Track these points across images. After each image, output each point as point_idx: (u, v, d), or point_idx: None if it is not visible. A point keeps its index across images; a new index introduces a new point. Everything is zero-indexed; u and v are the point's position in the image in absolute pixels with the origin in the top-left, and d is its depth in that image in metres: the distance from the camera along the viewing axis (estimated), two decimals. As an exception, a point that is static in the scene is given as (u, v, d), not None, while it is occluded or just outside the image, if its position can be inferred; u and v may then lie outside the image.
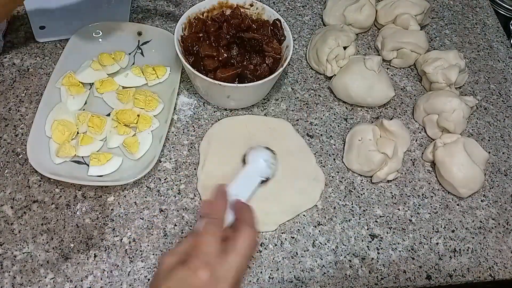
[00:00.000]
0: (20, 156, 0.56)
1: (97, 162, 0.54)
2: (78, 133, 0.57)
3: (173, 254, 0.41)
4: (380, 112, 0.67)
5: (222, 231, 0.42)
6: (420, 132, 0.66)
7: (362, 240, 0.55)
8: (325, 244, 0.54)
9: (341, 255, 0.54)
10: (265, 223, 0.53)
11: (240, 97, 0.61)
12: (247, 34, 0.60)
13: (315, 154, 0.61)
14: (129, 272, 0.50)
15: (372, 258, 0.54)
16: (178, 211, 0.55)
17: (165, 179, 0.57)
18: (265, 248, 0.53)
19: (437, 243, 0.56)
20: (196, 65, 0.58)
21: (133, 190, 0.55)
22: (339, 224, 0.56)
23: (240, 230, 0.41)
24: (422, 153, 0.63)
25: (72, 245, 0.51)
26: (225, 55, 0.58)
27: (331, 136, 0.63)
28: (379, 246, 0.55)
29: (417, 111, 0.66)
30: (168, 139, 0.60)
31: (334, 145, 0.63)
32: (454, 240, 0.57)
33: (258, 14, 0.64)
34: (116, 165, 0.55)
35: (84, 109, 0.60)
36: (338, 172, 0.60)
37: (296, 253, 0.53)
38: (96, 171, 0.54)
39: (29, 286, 0.48)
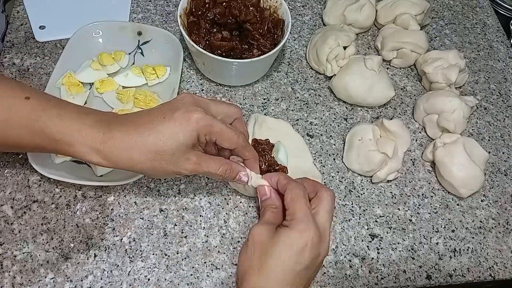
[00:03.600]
0: (20, 156, 0.56)
1: None
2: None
3: (261, 224, 0.45)
4: (380, 112, 0.67)
5: (307, 192, 0.46)
6: (420, 132, 0.66)
7: (362, 240, 0.55)
8: (325, 244, 0.54)
9: (341, 255, 0.54)
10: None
11: (241, 73, 0.63)
12: (245, 25, 0.61)
13: (315, 154, 0.61)
14: (129, 271, 0.50)
15: (372, 258, 0.54)
16: (178, 211, 0.55)
17: (165, 179, 0.57)
18: (265, 248, 0.53)
19: (437, 243, 0.56)
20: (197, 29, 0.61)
21: (133, 190, 0.55)
22: (339, 224, 0.56)
23: (321, 191, 0.47)
24: (422, 153, 0.63)
25: (72, 245, 0.51)
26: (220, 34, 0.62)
27: (331, 136, 0.63)
28: (379, 246, 0.55)
29: (417, 111, 0.66)
30: (168, 139, 0.60)
31: (334, 145, 0.63)
32: (454, 240, 0.57)
33: (275, 7, 0.64)
34: None
35: (84, 109, 0.60)
36: (338, 172, 0.60)
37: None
38: (103, 169, 0.54)
39: (29, 286, 0.48)
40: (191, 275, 0.51)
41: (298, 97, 0.67)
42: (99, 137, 0.42)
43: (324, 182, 0.59)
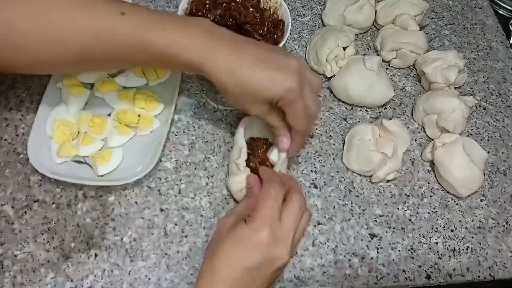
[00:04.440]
0: (21, 156, 0.56)
1: (102, 160, 0.54)
2: (79, 133, 0.57)
3: (230, 215, 0.45)
4: (380, 112, 0.67)
5: (282, 195, 0.45)
6: (419, 132, 0.66)
7: (362, 240, 0.55)
8: (325, 243, 0.55)
9: (341, 254, 0.54)
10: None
11: None
12: (245, 26, 0.61)
13: (314, 153, 0.62)
14: (130, 271, 0.50)
15: (372, 258, 0.54)
16: (178, 210, 0.55)
17: (165, 179, 0.57)
18: (265, 247, 0.53)
19: (437, 243, 0.56)
20: None
21: (133, 190, 0.56)
22: (339, 223, 0.56)
23: (292, 197, 0.45)
24: (421, 153, 0.64)
25: (72, 244, 0.51)
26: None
27: (330, 136, 0.64)
28: (379, 245, 0.55)
29: (416, 111, 0.66)
30: (169, 139, 0.60)
31: (334, 145, 0.63)
32: (454, 239, 0.57)
33: (275, 8, 0.64)
34: (119, 158, 0.56)
35: (85, 109, 0.60)
36: (337, 171, 0.60)
37: (296, 252, 0.54)
38: (104, 169, 0.54)
39: (30, 285, 0.48)
40: (192, 274, 0.51)
41: (298, 97, 0.67)
42: (204, 52, 0.44)
43: (324, 182, 0.59)
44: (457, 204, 0.60)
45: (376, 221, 0.57)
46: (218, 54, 0.44)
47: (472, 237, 0.57)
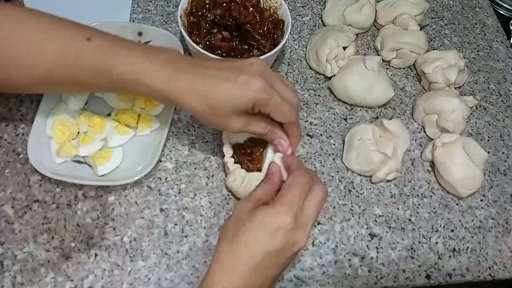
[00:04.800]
0: (20, 156, 0.56)
1: (102, 160, 0.54)
2: (79, 133, 0.57)
3: (249, 200, 0.45)
4: (380, 112, 0.67)
5: (309, 186, 0.45)
6: (419, 132, 0.66)
7: (362, 240, 0.55)
8: (325, 243, 0.55)
9: (341, 254, 0.54)
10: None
11: None
12: (245, 26, 0.62)
13: (314, 154, 0.62)
14: (130, 271, 0.50)
15: (372, 257, 0.54)
16: (178, 210, 0.55)
17: (165, 179, 0.57)
18: (265, 247, 0.53)
19: (437, 243, 0.56)
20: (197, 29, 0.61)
21: (133, 190, 0.56)
22: (339, 223, 0.56)
23: (315, 188, 0.45)
24: (421, 153, 0.64)
25: (73, 244, 0.51)
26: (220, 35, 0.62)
27: (330, 136, 0.64)
28: (379, 245, 0.55)
29: (416, 111, 0.66)
30: (169, 139, 0.60)
31: (334, 145, 0.63)
32: (454, 239, 0.57)
33: (275, 8, 0.64)
34: (119, 158, 0.56)
35: (85, 109, 0.60)
36: (337, 171, 0.60)
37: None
38: (104, 169, 0.54)
39: (30, 285, 0.48)
40: (192, 274, 0.51)
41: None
42: (166, 77, 0.44)
43: (324, 182, 0.59)
44: (457, 204, 0.60)
45: (376, 221, 0.57)
46: (181, 79, 0.44)
47: (472, 237, 0.57)
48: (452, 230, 0.58)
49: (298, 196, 0.44)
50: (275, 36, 0.63)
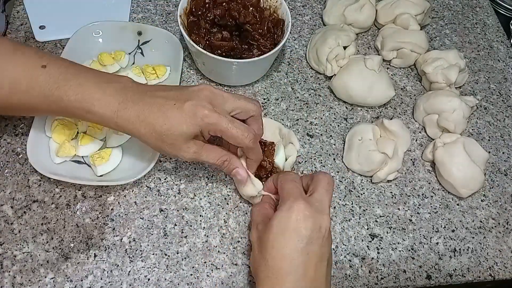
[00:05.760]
0: (20, 156, 0.56)
1: (101, 161, 0.54)
2: (78, 132, 0.57)
3: (255, 224, 0.45)
4: (380, 112, 0.67)
5: (298, 177, 0.47)
6: (420, 132, 0.66)
7: (362, 240, 0.55)
8: (325, 244, 0.54)
9: (341, 254, 0.54)
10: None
11: (241, 73, 0.63)
12: (244, 26, 0.61)
13: (314, 154, 0.61)
14: (129, 271, 0.50)
15: (372, 258, 0.54)
16: (178, 210, 0.55)
17: (165, 179, 0.57)
18: (265, 247, 0.53)
19: (437, 243, 0.56)
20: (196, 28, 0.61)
21: (133, 190, 0.55)
22: (339, 223, 0.56)
23: (318, 174, 0.46)
24: (422, 153, 0.63)
25: (72, 244, 0.51)
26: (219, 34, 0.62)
27: (331, 136, 0.63)
28: (379, 245, 0.55)
29: (417, 111, 0.66)
30: (168, 139, 0.60)
31: (334, 145, 0.63)
32: (454, 240, 0.57)
33: (275, 7, 0.64)
34: (119, 157, 0.55)
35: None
36: (338, 172, 0.60)
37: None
38: (103, 169, 0.54)
39: (29, 285, 0.48)
40: (191, 275, 0.51)
41: (298, 97, 0.67)
42: (115, 107, 0.45)
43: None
44: (457, 204, 0.60)
45: (376, 221, 0.57)
46: (129, 108, 0.45)
47: (473, 237, 0.57)
48: (453, 231, 0.57)
49: (294, 187, 0.44)
50: (275, 35, 0.63)
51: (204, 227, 0.54)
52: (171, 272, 0.51)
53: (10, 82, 0.45)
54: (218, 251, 0.52)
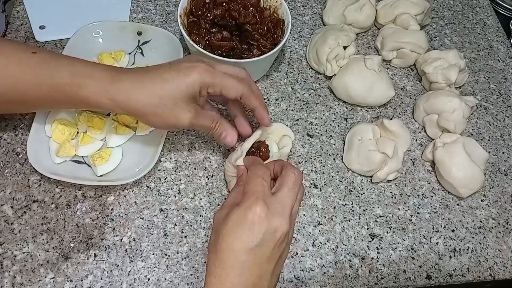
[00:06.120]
0: (20, 156, 0.56)
1: (101, 161, 0.54)
2: (78, 132, 0.57)
3: (223, 207, 0.44)
4: (380, 112, 0.67)
5: (268, 173, 0.45)
6: (420, 132, 0.66)
7: (362, 240, 0.55)
8: (325, 243, 0.54)
9: (341, 254, 0.54)
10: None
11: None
12: (244, 26, 0.61)
13: (315, 154, 0.61)
14: (129, 271, 0.50)
15: (372, 258, 0.54)
16: (178, 210, 0.55)
17: (165, 179, 0.57)
18: (265, 247, 0.53)
19: (437, 243, 0.56)
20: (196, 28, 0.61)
21: (133, 190, 0.55)
22: (339, 223, 0.56)
23: (286, 172, 0.44)
24: (422, 153, 0.63)
25: (72, 244, 0.51)
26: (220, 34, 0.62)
27: (331, 136, 0.63)
28: (379, 245, 0.55)
29: (417, 111, 0.66)
30: (168, 139, 0.60)
31: (334, 144, 0.63)
32: (454, 239, 0.57)
33: (275, 7, 0.64)
34: (119, 158, 0.55)
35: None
36: (338, 172, 0.60)
37: (296, 252, 0.53)
38: (103, 169, 0.54)
39: (29, 285, 0.48)
40: (191, 275, 0.51)
41: (298, 97, 0.67)
42: (109, 78, 0.44)
43: (324, 182, 0.59)
44: (457, 204, 0.60)
45: (376, 221, 0.57)
46: (123, 78, 0.45)
47: (473, 237, 0.57)
48: (453, 230, 0.58)
49: (260, 185, 0.43)
50: (275, 35, 0.63)
51: (204, 227, 0.54)
52: (171, 272, 0.51)
53: (1, 70, 0.44)
54: (218, 251, 0.52)
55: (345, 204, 0.58)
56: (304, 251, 0.54)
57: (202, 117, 0.48)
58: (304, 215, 0.56)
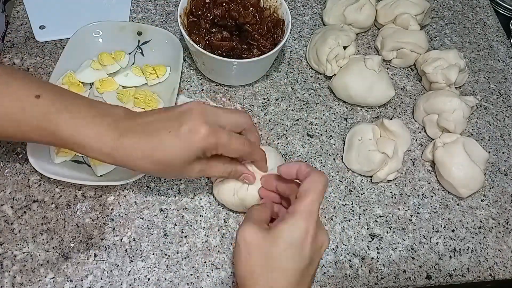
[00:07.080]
0: (20, 156, 0.56)
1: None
2: (78, 132, 0.57)
3: (251, 225, 0.42)
4: (380, 112, 0.67)
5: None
6: (420, 132, 0.66)
7: (362, 240, 0.55)
8: (325, 243, 0.54)
9: (341, 254, 0.54)
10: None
11: (241, 73, 0.63)
12: (244, 26, 0.61)
13: (314, 154, 0.61)
14: (129, 271, 0.50)
15: (372, 258, 0.54)
16: (178, 210, 0.55)
17: (165, 179, 0.57)
18: (265, 247, 0.53)
19: (437, 243, 0.56)
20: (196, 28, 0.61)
21: (133, 190, 0.55)
22: (339, 223, 0.56)
23: (313, 174, 0.43)
24: (422, 153, 0.63)
25: (72, 244, 0.51)
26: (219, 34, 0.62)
27: (331, 136, 0.63)
28: (379, 245, 0.55)
29: (417, 111, 0.66)
30: (168, 138, 0.60)
31: (334, 144, 0.63)
32: (454, 239, 0.57)
33: (275, 7, 0.64)
34: None
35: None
36: (338, 172, 0.60)
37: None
38: (104, 169, 0.54)
39: (29, 285, 0.48)
40: (191, 275, 0.51)
41: (298, 97, 0.67)
42: (110, 144, 0.43)
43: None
44: (457, 204, 0.60)
45: (376, 221, 0.57)
46: (126, 143, 0.43)
47: (473, 237, 0.57)
48: (453, 230, 0.58)
49: (317, 204, 0.41)
50: (275, 35, 0.63)
51: (204, 227, 0.54)
52: (171, 272, 0.51)
53: (3, 113, 0.43)
54: (218, 251, 0.52)
55: (345, 204, 0.58)
56: (304, 251, 0.54)
57: (211, 168, 0.47)
58: (304, 215, 0.56)
